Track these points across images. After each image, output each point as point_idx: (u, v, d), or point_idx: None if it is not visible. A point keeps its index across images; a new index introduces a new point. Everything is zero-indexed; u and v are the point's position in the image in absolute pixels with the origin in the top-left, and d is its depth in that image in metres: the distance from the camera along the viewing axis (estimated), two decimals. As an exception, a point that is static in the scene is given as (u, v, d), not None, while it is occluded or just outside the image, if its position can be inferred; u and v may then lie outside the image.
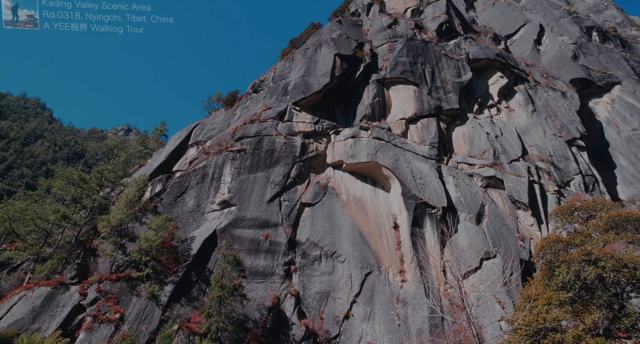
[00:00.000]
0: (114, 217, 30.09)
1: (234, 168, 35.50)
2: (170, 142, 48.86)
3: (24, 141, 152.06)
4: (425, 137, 39.16)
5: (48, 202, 39.44)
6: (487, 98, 46.71)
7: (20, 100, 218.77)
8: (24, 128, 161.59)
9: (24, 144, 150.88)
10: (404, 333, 24.82)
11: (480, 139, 39.98)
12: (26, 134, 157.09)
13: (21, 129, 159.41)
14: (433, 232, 30.30)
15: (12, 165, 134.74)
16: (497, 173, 35.69)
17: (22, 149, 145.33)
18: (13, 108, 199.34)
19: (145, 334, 24.07)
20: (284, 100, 42.46)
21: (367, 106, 41.65)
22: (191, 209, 33.51)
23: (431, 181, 33.58)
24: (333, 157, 37.94)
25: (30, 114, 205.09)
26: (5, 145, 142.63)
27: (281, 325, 26.20)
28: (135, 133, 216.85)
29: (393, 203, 33.73)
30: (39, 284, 26.40)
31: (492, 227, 30.92)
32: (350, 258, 29.69)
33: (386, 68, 44.89)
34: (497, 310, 24.53)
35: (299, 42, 59.15)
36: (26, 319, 24.02)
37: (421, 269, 27.46)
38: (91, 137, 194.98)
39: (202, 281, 28.17)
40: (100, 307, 25.33)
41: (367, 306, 27.05)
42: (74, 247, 31.81)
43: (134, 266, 28.91)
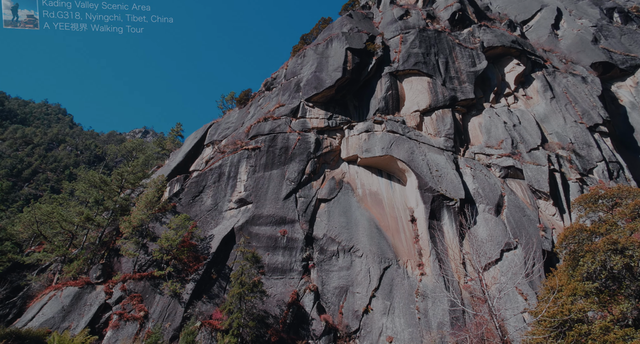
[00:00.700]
0: (135, 217, 30.81)
1: (250, 166, 35.79)
2: (186, 143, 49.60)
3: (47, 146, 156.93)
4: (440, 128, 38.58)
5: (72, 204, 40.59)
6: (503, 86, 45.63)
7: (43, 106, 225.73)
8: (47, 134, 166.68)
9: (47, 149, 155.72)
10: (425, 326, 24.66)
11: (497, 129, 39.14)
12: (49, 139, 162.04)
13: (44, 134, 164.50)
14: (451, 224, 29.91)
15: (37, 170, 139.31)
16: (515, 163, 34.90)
17: (45, 154, 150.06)
18: (36, 115, 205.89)
19: (169, 331, 24.64)
20: (297, 96, 42.48)
21: (381, 99, 41.28)
22: (209, 208, 33.98)
23: (448, 172, 33.11)
24: (347, 152, 37.81)
25: (52, 120, 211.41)
26: (30, 150, 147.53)
27: (301, 320, 26.40)
28: (152, 135, 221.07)
29: (409, 196, 33.44)
30: (66, 284, 27.31)
31: (512, 218, 30.30)
32: (368, 252, 29.62)
33: (399, 60, 44.35)
34: (520, 302, 24.08)
35: (310, 38, 58.95)
36: (56, 318, 24.91)
37: (440, 262, 27.17)
38: (110, 140, 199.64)
39: (222, 279, 28.60)
40: (126, 305, 26.03)
41: (386, 300, 26.97)
42: (98, 248, 32.74)
43: (155, 265, 29.58)
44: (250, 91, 53.91)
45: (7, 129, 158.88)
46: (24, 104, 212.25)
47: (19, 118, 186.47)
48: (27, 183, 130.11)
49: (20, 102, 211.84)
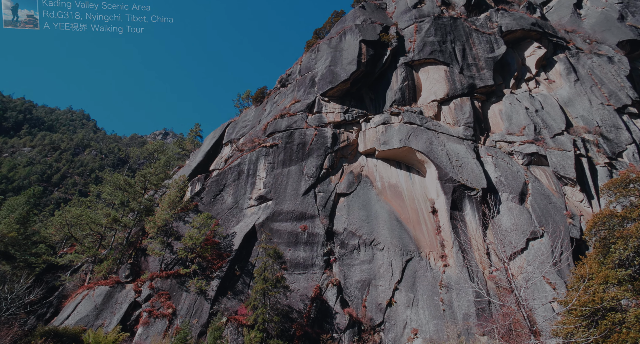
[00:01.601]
0: (159, 218, 31.58)
1: (268, 163, 36.05)
2: (205, 143, 50.36)
3: (73, 151, 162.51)
4: (459, 117, 37.79)
5: (99, 207, 41.98)
6: (524, 71, 44.25)
7: (67, 113, 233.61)
8: (73, 139, 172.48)
9: (74, 154, 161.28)
10: (450, 318, 24.38)
11: (518, 115, 38.04)
12: (75, 144, 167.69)
13: (70, 140, 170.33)
14: (474, 214, 29.36)
15: (66, 174, 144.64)
16: (539, 149, 33.87)
17: (72, 159, 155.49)
18: (62, 121, 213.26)
19: (196, 327, 25.24)
20: (312, 92, 42.40)
21: (397, 91, 40.74)
22: (230, 205, 34.46)
23: (468, 162, 32.45)
24: (365, 145, 37.56)
25: (77, 126, 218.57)
26: (58, 156, 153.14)
27: (325, 314, 26.56)
28: (172, 136, 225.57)
29: (430, 188, 32.98)
30: (98, 283, 28.29)
31: (537, 206, 29.47)
32: (389, 245, 29.44)
33: (414, 50, 43.59)
34: (548, 291, 23.47)
35: (323, 32, 58.57)
36: (90, 316, 25.88)
37: (463, 253, 26.74)
38: (132, 143, 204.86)
39: (246, 275, 29.04)
40: (154, 303, 26.79)
41: (409, 293, 26.80)
42: (125, 248, 33.76)
43: (181, 263, 30.29)
44: (266, 88, 54.17)
45: (36, 136, 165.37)
46: (50, 112, 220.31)
47: (46, 125, 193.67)
48: (57, 188, 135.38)
49: (46, 109, 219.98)
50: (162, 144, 58.53)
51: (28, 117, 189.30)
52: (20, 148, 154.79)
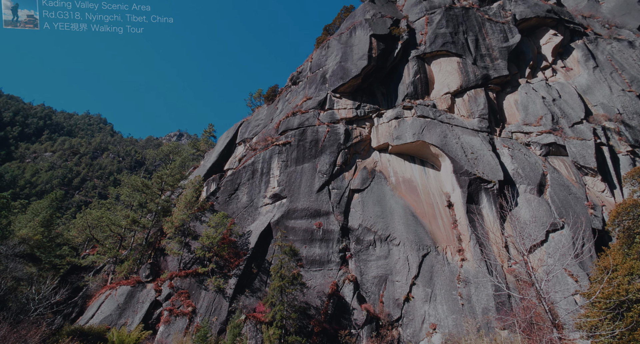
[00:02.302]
0: (176, 218, 32.09)
1: (281, 161, 36.18)
2: (219, 143, 50.88)
3: (92, 155, 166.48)
4: (473, 109, 37.16)
5: (119, 208, 42.92)
6: (539, 60, 43.18)
7: (85, 118, 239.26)
8: (91, 143, 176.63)
9: (93, 157, 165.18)
10: (469, 312, 24.09)
11: (535, 105, 37.17)
12: (93, 148, 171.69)
13: (89, 144, 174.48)
14: (491, 207, 28.87)
15: (85, 178, 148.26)
16: (557, 139, 33.04)
17: (91, 162, 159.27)
18: (80, 126, 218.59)
19: (216, 325, 25.60)
20: (323, 88, 42.30)
21: (409, 84, 40.29)
22: (245, 204, 34.75)
23: (484, 154, 31.90)
24: (378, 140, 37.32)
25: (95, 130, 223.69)
26: (78, 160, 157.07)
27: (342, 311, 26.58)
28: (187, 137, 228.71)
29: (445, 181, 32.58)
30: (120, 283, 28.98)
31: (557, 197, 28.78)
32: (405, 240, 29.24)
33: (425, 42, 43.01)
34: (570, 284, 22.93)
35: (333, 28, 58.32)
36: (113, 315, 26.56)
37: (481, 247, 26.33)
38: (148, 145, 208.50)
39: (263, 273, 29.28)
40: (174, 301, 27.30)
41: (427, 288, 26.59)
42: (145, 248, 34.45)
43: (199, 262, 30.73)
44: (277, 86, 54.29)
45: (57, 142, 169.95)
46: (69, 117, 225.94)
47: (66, 130, 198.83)
48: (78, 191, 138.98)
49: (65, 115, 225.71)
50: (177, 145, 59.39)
51: (48, 123, 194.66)
52: (42, 153, 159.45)
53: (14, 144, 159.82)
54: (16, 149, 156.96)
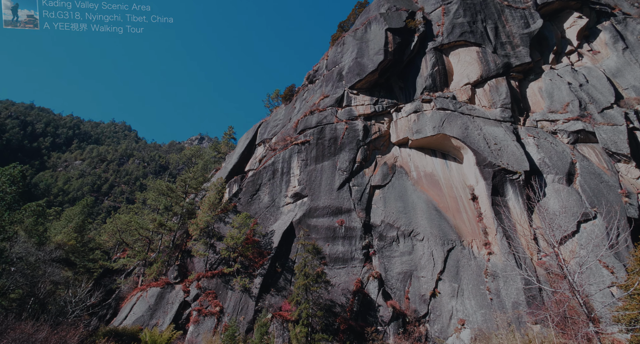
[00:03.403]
0: (200, 220, 32.75)
1: (301, 160, 36.30)
2: (239, 144, 51.51)
3: (118, 162, 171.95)
4: (495, 99, 36.15)
5: (146, 212, 44.20)
6: (564, 44, 41.54)
7: (111, 126, 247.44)
8: (117, 150, 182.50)
9: (119, 164, 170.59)
10: (498, 307, 23.47)
11: (560, 91, 35.80)
12: (119, 155, 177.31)
13: (115, 151, 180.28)
14: (517, 199, 28.01)
15: (113, 184, 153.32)
16: (586, 126, 31.73)
17: (118, 168, 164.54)
18: (106, 134, 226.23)
19: (243, 324, 25.99)
20: (340, 86, 42.14)
21: (427, 77, 39.59)
22: (267, 204, 35.08)
23: (508, 145, 30.98)
24: (397, 135, 36.87)
25: (120, 137, 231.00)
26: (106, 167, 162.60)
27: (368, 308, 26.45)
28: (208, 140, 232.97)
29: (468, 174, 31.85)
30: (150, 285, 29.85)
31: (587, 186, 27.63)
32: (429, 235, 28.79)
33: (442, 33, 42.14)
34: (605, 276, 21.97)
35: (348, 25, 57.96)
36: (145, 316, 27.39)
37: (508, 240, 25.59)
38: (171, 150, 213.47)
39: (287, 271, 29.49)
40: (202, 302, 27.88)
41: (453, 283, 26.09)
42: (172, 250, 35.35)
43: (224, 262, 31.26)
44: (294, 86, 54.45)
45: (85, 150, 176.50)
46: (96, 125, 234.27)
47: (93, 138, 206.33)
48: (107, 197, 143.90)
49: (92, 124, 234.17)
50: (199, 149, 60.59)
51: (77, 132, 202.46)
52: (72, 162, 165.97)
53: (46, 154, 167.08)
54: (48, 159, 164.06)
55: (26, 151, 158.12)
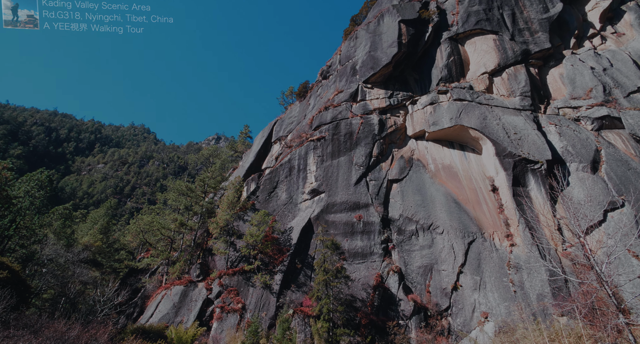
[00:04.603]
0: (220, 218, 33.25)
1: (317, 156, 36.32)
2: (255, 143, 51.95)
3: (139, 164, 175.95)
4: (513, 87, 35.24)
5: (167, 213, 45.16)
6: (585, 28, 40.05)
7: (130, 129, 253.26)
8: (137, 152, 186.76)
9: (140, 166, 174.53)
10: (522, 299, 22.98)
11: (583, 77, 34.59)
12: (140, 157, 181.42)
13: (135, 153, 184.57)
14: (539, 189, 27.28)
15: (135, 185, 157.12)
16: (611, 111, 30.58)
17: (139, 170, 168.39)
18: (127, 137, 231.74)
19: (265, 320, 26.31)
20: (354, 80, 41.89)
21: (442, 68, 38.90)
22: (284, 201, 35.29)
23: (528, 134, 30.18)
24: (413, 128, 36.43)
25: (140, 140, 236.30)
26: (127, 169, 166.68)
27: (389, 302, 26.36)
28: (224, 140, 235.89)
29: (487, 165, 31.20)
30: (173, 283, 30.55)
31: (614, 173, 26.65)
32: (449, 228, 28.41)
33: (457, 23, 41.28)
34: (635, 265, 21.18)
35: (360, 18, 57.48)
36: (170, 314, 28.08)
37: (531, 231, 24.98)
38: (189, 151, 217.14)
39: (307, 267, 29.65)
40: (225, 299, 28.36)
41: (475, 276, 25.69)
42: (194, 249, 36.03)
43: (245, 260, 31.68)
44: (308, 82, 54.45)
45: (107, 153, 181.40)
46: (116, 129, 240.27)
47: (114, 142, 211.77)
48: (129, 198, 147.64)
49: (113, 128, 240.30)
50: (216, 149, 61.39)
51: (98, 136, 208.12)
52: (95, 165, 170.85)
53: (70, 159, 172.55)
54: (73, 163, 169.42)
55: (51, 156, 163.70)
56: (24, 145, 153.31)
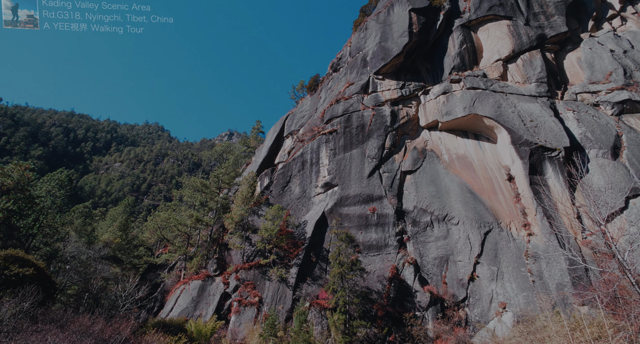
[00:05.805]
0: (235, 214, 33.61)
1: (329, 150, 36.25)
2: (267, 138, 52.15)
3: (154, 161, 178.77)
4: (529, 74, 34.37)
5: (183, 209, 45.88)
6: (604, 9, 38.67)
7: (145, 127, 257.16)
8: (152, 150, 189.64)
9: (155, 163, 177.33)
10: (541, 289, 22.64)
11: (602, 60, 33.49)
12: (155, 155, 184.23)
13: (150, 151, 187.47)
14: (557, 177, 26.67)
15: (151, 183, 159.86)
16: (632, 95, 29.56)
17: (154, 168, 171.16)
18: (142, 135, 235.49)
19: (282, 313, 26.62)
20: (365, 72, 41.51)
21: (455, 56, 38.17)
22: (298, 195, 35.42)
23: (545, 121, 29.46)
24: (426, 118, 35.97)
25: (154, 138, 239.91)
26: (143, 167, 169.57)
27: (404, 294, 26.33)
28: (237, 136, 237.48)
29: (502, 154, 30.62)
30: (191, 278, 31.14)
31: (636, 159, 25.82)
32: (464, 218, 28.09)
33: (469, 9, 40.35)
34: (659, 254, 20.64)
35: (370, 9, 56.67)
36: (189, 308, 28.68)
37: (549, 219, 24.48)
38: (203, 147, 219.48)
39: (322, 261, 29.80)
40: (242, 293, 28.78)
41: (492, 266, 25.40)
42: (210, 244, 36.58)
43: (260, 254, 32.03)
44: (319, 76, 54.19)
45: (123, 152, 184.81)
46: (131, 128, 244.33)
47: (130, 141, 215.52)
48: (146, 196, 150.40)
49: (128, 127, 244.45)
50: (229, 145, 61.82)
51: (114, 135, 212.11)
52: (112, 164, 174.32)
53: (88, 158, 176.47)
54: (91, 163, 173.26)
55: (70, 156, 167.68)
56: (44, 146, 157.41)
